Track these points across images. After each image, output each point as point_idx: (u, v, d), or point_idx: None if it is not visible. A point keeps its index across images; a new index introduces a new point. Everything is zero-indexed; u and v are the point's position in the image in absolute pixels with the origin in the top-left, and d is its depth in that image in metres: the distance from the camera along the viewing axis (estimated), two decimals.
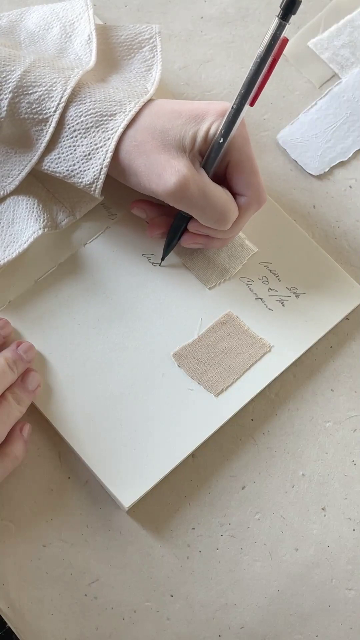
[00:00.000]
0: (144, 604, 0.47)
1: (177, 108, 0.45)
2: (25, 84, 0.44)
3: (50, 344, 0.49)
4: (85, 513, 0.48)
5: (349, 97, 0.56)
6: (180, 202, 0.44)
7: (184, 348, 0.49)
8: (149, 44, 0.51)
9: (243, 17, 0.58)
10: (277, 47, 0.41)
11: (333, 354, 0.51)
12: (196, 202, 0.44)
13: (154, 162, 0.43)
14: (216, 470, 0.49)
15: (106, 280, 0.50)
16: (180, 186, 0.43)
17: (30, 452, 0.48)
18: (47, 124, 0.44)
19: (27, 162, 0.46)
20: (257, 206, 0.47)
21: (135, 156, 0.44)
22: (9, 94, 0.44)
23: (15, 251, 0.47)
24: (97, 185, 0.45)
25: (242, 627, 0.47)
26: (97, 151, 0.44)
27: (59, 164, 0.45)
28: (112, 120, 0.44)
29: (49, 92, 0.44)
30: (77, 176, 0.45)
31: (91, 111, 0.44)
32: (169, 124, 0.44)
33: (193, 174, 0.43)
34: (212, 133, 0.44)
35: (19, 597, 0.47)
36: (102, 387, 0.48)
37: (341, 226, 0.54)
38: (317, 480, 0.49)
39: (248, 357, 0.49)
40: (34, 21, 0.51)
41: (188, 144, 0.44)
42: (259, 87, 0.42)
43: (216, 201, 0.44)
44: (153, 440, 0.47)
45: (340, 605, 0.48)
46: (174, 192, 0.43)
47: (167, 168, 0.43)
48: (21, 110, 0.44)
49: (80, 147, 0.44)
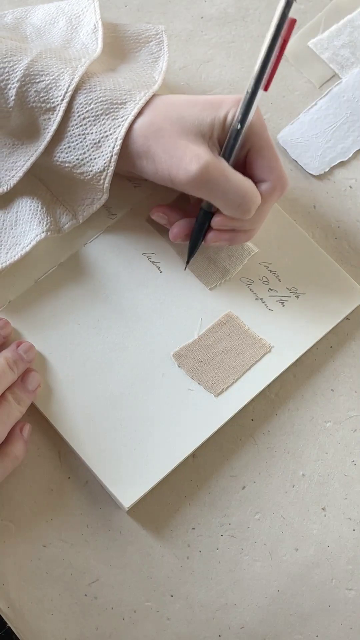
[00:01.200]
0: (144, 604, 0.47)
1: (193, 99, 0.45)
2: (32, 72, 0.44)
3: (50, 344, 0.49)
4: (85, 513, 0.48)
5: (349, 97, 0.56)
6: (202, 189, 0.44)
7: (184, 348, 0.49)
8: (155, 39, 0.51)
9: (243, 17, 0.58)
10: (286, 28, 0.41)
11: (333, 354, 0.51)
12: (218, 187, 0.43)
13: (173, 147, 0.43)
14: (216, 470, 0.49)
15: (106, 280, 0.50)
16: (202, 171, 0.43)
17: (30, 452, 0.48)
18: (54, 112, 0.44)
19: (32, 153, 0.46)
20: (281, 191, 0.46)
21: (153, 142, 0.43)
22: (16, 82, 0.44)
23: (18, 254, 0.47)
24: (108, 172, 0.45)
25: (242, 627, 0.47)
26: (107, 138, 0.44)
27: (69, 153, 0.45)
28: (122, 108, 0.44)
29: (56, 81, 0.44)
30: (88, 164, 0.45)
31: (101, 99, 0.44)
32: (186, 112, 0.44)
33: (213, 160, 0.43)
34: (229, 120, 0.44)
35: (19, 597, 0.47)
36: (102, 387, 0.48)
37: (341, 226, 0.54)
38: (317, 480, 0.49)
39: (248, 358, 0.49)
40: (40, 17, 0.51)
41: (206, 131, 0.44)
42: (271, 70, 0.42)
43: (238, 185, 0.44)
44: (153, 440, 0.47)
45: (340, 605, 0.48)
46: (195, 178, 0.43)
47: (187, 153, 0.43)
48: (29, 99, 0.44)
49: (90, 134, 0.44)
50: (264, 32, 0.57)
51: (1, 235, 0.48)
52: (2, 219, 0.48)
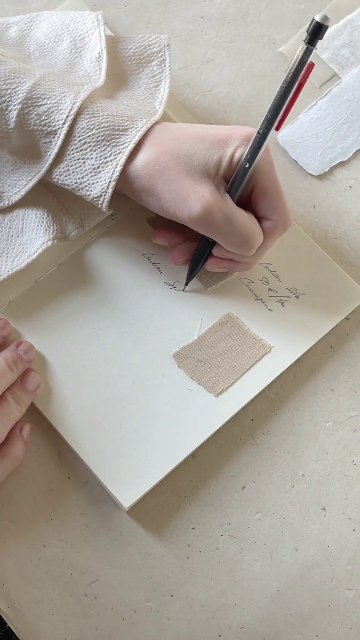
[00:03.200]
0: (144, 604, 0.47)
1: (201, 133, 0.44)
2: (34, 95, 0.44)
3: (50, 344, 0.49)
4: (85, 513, 0.48)
5: (349, 97, 0.56)
6: (205, 229, 0.44)
7: (184, 348, 0.49)
8: (157, 58, 0.51)
9: (243, 17, 0.57)
10: (304, 72, 0.41)
11: (333, 354, 0.51)
12: (221, 228, 0.44)
13: (178, 187, 0.43)
14: (216, 470, 0.49)
15: (106, 280, 0.50)
16: (205, 213, 0.43)
17: (30, 452, 0.48)
18: (55, 136, 0.44)
19: (36, 173, 0.46)
20: (283, 230, 0.47)
21: (159, 181, 0.43)
22: (18, 104, 0.44)
23: (24, 262, 0.47)
24: (105, 198, 0.45)
25: (242, 627, 0.47)
26: (106, 165, 0.44)
27: (67, 176, 0.45)
28: (123, 135, 0.44)
29: (58, 105, 0.44)
30: (85, 189, 0.45)
31: (103, 124, 0.44)
32: (193, 149, 0.44)
33: (217, 201, 0.43)
34: (236, 158, 0.44)
35: (19, 597, 0.47)
36: (102, 387, 0.48)
37: (341, 226, 0.54)
38: (317, 480, 0.49)
39: (248, 358, 0.49)
40: (44, 31, 0.50)
41: (212, 169, 0.44)
42: (284, 111, 0.42)
43: (241, 227, 0.44)
44: (153, 440, 0.47)
45: (340, 605, 0.48)
46: (198, 219, 0.43)
47: (191, 194, 0.43)
48: (30, 122, 0.44)
49: (90, 160, 0.44)
50: (264, 31, 0.57)
51: (8, 243, 0.48)
52: (8, 226, 0.48)
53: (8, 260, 0.48)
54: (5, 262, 0.48)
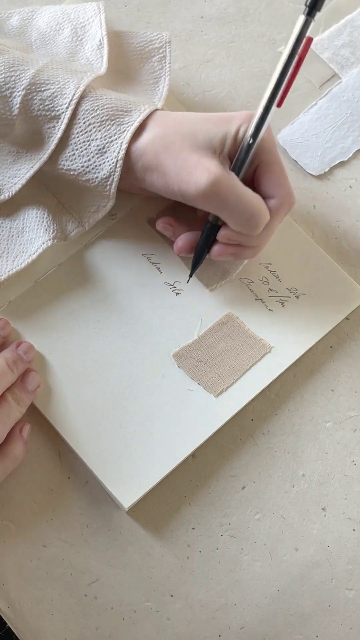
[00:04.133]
0: (144, 604, 0.47)
1: (204, 115, 0.45)
2: (38, 81, 0.44)
3: (50, 344, 0.49)
4: (85, 513, 0.48)
5: (349, 97, 0.56)
6: (211, 203, 0.44)
7: (184, 348, 0.49)
8: (158, 54, 0.51)
9: (243, 17, 0.57)
10: (303, 46, 0.41)
11: (333, 354, 0.51)
12: (227, 202, 0.43)
13: (184, 161, 0.43)
14: (216, 470, 0.49)
15: (106, 280, 0.50)
16: (213, 185, 0.43)
17: (30, 452, 0.48)
18: (59, 120, 0.44)
19: (36, 161, 0.46)
20: (288, 208, 0.47)
21: (164, 156, 0.43)
22: (22, 90, 0.44)
23: (24, 262, 0.47)
24: (114, 178, 0.45)
25: (242, 627, 0.47)
26: (111, 144, 0.44)
27: (73, 160, 0.45)
28: (127, 115, 0.44)
29: (62, 90, 0.44)
30: (93, 171, 0.45)
31: (107, 105, 0.44)
32: (197, 127, 0.44)
33: (224, 174, 0.43)
34: (240, 135, 0.44)
35: (19, 597, 0.47)
36: (102, 387, 0.48)
37: (341, 226, 0.54)
38: (317, 480, 0.49)
39: (248, 358, 0.49)
40: (45, 20, 0.51)
41: (217, 146, 0.44)
42: (286, 87, 0.43)
43: (248, 201, 0.44)
44: (153, 440, 0.47)
45: (340, 605, 0.48)
46: (205, 192, 0.43)
47: (198, 167, 0.43)
48: (33, 107, 0.44)
49: (95, 140, 0.44)
50: (264, 31, 0.57)
51: (8, 244, 0.48)
52: (9, 226, 0.48)
53: (9, 260, 0.48)
54: (5, 262, 0.48)
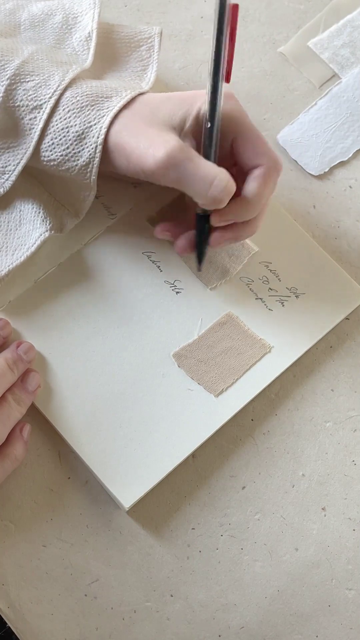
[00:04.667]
0: (144, 604, 0.47)
1: (167, 95, 0.45)
2: (22, 72, 0.44)
3: (50, 344, 0.49)
4: (85, 513, 0.48)
5: (349, 97, 0.56)
6: (170, 174, 0.43)
7: (184, 348, 0.49)
8: (146, 44, 0.51)
9: (243, 17, 0.57)
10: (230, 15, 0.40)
11: (333, 354, 0.51)
12: (185, 172, 0.42)
13: (143, 137, 0.43)
14: (216, 470, 0.49)
15: (106, 280, 0.50)
16: (168, 156, 0.42)
17: (30, 452, 0.48)
18: (41, 110, 0.44)
19: (23, 154, 0.46)
20: (276, 172, 0.46)
21: (123, 134, 0.43)
22: (5, 80, 0.44)
23: (24, 255, 0.47)
24: (94, 164, 0.44)
25: (242, 627, 0.47)
26: (90, 129, 0.44)
27: (52, 150, 0.44)
28: (107, 101, 0.44)
29: (46, 81, 0.44)
30: (72, 160, 0.44)
31: (87, 92, 0.44)
32: (158, 107, 0.44)
33: (180, 145, 0.42)
34: (202, 112, 0.43)
35: (19, 597, 0.47)
36: (102, 387, 0.48)
37: (341, 226, 0.54)
38: (317, 480, 0.49)
39: (248, 358, 0.49)
40: (39, 7, 0.51)
41: (177, 124, 0.44)
42: (227, 60, 0.42)
43: (207, 170, 0.43)
44: (153, 440, 0.47)
45: (340, 605, 0.48)
46: (162, 162, 0.42)
47: (156, 140, 0.42)
48: (16, 97, 0.44)
49: (74, 127, 0.44)
50: (264, 31, 0.57)
51: (7, 237, 0.48)
52: (6, 220, 0.48)
53: (8, 255, 0.48)
54: (5, 256, 0.48)
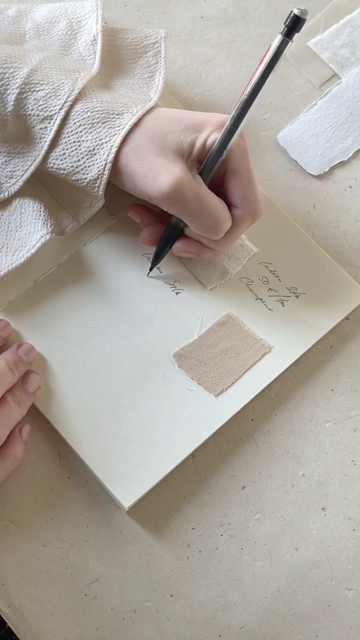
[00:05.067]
0: (144, 604, 0.47)
1: (178, 116, 0.45)
2: (32, 81, 0.44)
3: (50, 344, 0.49)
4: (85, 513, 0.48)
5: (348, 97, 0.56)
6: (174, 206, 0.44)
7: (184, 348, 0.49)
8: (153, 49, 0.51)
9: (243, 17, 0.57)
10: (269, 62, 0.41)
11: (333, 354, 0.51)
12: (189, 207, 0.44)
13: (150, 164, 0.43)
14: (216, 470, 0.49)
15: (106, 280, 0.50)
16: (175, 189, 0.43)
17: (30, 452, 0.48)
18: (51, 121, 0.44)
19: (32, 161, 0.46)
20: (252, 220, 0.47)
21: (132, 158, 0.44)
22: (16, 89, 0.44)
23: (24, 256, 0.47)
24: (102, 181, 0.45)
25: (242, 627, 0.47)
26: (102, 146, 0.44)
27: (63, 160, 0.45)
28: (119, 118, 0.44)
29: (56, 91, 0.44)
30: (82, 172, 0.45)
31: (98, 108, 0.44)
32: (168, 129, 0.44)
33: (188, 178, 0.43)
34: (209, 142, 0.44)
35: (19, 597, 0.47)
36: (102, 387, 0.48)
37: (341, 226, 0.54)
38: (317, 480, 0.49)
39: (248, 358, 0.49)
40: (42, 14, 0.51)
41: (186, 150, 0.44)
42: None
43: (210, 208, 0.44)
44: (153, 440, 0.47)
45: (340, 605, 0.48)
46: (168, 195, 0.43)
47: (163, 171, 0.43)
48: (27, 106, 0.44)
49: (85, 142, 0.44)
50: (264, 31, 0.57)
51: (7, 238, 0.48)
52: (7, 221, 0.48)
53: (8, 255, 0.48)
54: (5, 257, 0.48)
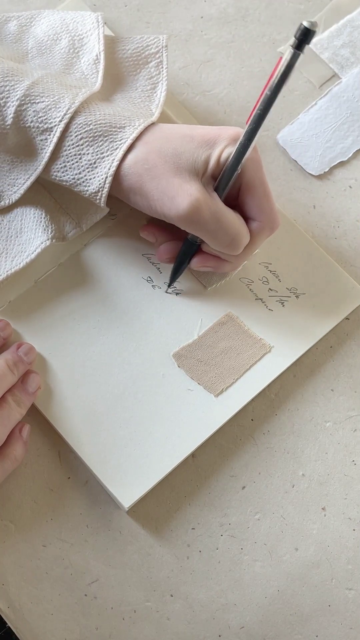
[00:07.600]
0: (144, 604, 0.47)
1: (189, 132, 0.44)
2: (32, 93, 0.44)
3: (50, 344, 0.49)
4: (85, 513, 0.48)
5: (348, 97, 0.56)
6: (192, 226, 0.44)
7: (184, 348, 0.49)
8: (155, 59, 0.51)
9: (243, 17, 0.57)
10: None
11: (333, 354, 0.51)
12: (208, 226, 0.44)
13: (166, 185, 0.43)
14: (216, 470, 0.49)
15: (106, 280, 0.50)
16: (193, 210, 0.43)
17: (30, 452, 0.48)
18: (51, 133, 0.44)
19: (33, 171, 0.46)
20: (270, 231, 0.47)
21: (147, 179, 0.43)
22: (16, 101, 0.44)
23: (23, 261, 0.47)
24: (102, 194, 0.45)
25: (242, 627, 0.47)
26: (103, 160, 0.44)
27: (65, 172, 0.45)
28: (120, 132, 0.44)
29: (56, 103, 0.44)
30: (83, 185, 0.45)
31: (100, 121, 0.44)
32: (181, 148, 0.44)
33: (205, 198, 0.43)
34: (224, 157, 0.44)
35: (19, 597, 0.47)
36: (102, 387, 0.48)
37: (341, 226, 0.54)
38: (317, 480, 0.49)
39: (248, 358, 0.49)
40: (43, 29, 0.50)
41: (200, 168, 0.44)
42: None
43: (228, 225, 0.44)
44: (153, 440, 0.47)
45: (340, 605, 0.48)
46: (186, 216, 0.43)
47: (179, 192, 0.43)
48: (27, 118, 0.44)
49: (86, 155, 0.44)
50: (264, 31, 0.57)
51: (7, 243, 0.48)
52: (7, 227, 0.49)
53: (7, 260, 0.48)
54: (4, 262, 0.48)
